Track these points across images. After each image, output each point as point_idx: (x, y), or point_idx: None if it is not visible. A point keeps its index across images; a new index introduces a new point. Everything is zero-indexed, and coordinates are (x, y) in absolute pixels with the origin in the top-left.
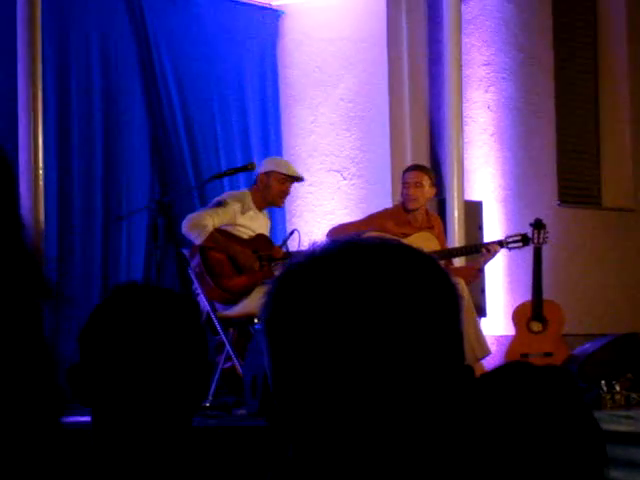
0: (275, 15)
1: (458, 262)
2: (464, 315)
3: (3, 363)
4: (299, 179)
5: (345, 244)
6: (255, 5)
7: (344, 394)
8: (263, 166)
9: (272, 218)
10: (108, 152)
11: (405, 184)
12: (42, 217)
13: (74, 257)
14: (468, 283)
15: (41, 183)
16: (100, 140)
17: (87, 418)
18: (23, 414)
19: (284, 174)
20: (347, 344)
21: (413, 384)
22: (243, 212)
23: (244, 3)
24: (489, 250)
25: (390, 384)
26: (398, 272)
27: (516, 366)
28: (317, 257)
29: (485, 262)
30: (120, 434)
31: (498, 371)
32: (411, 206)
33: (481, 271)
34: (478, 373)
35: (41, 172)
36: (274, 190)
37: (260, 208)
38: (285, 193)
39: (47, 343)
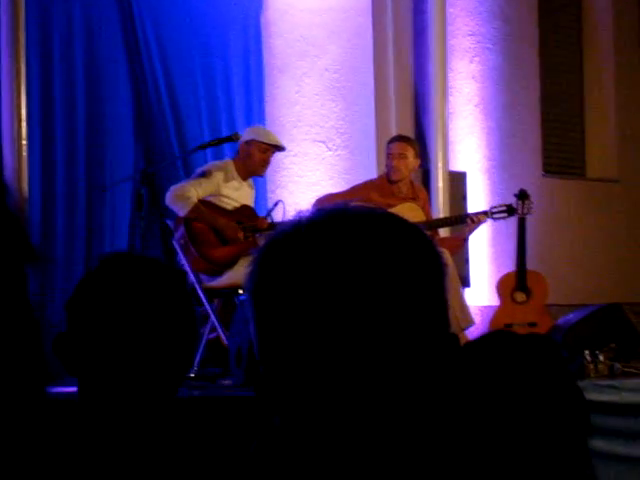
0: None
1: (443, 233)
2: (448, 285)
3: None
4: (280, 148)
5: (331, 212)
6: None
7: (329, 361)
8: (244, 135)
9: (260, 189)
10: (91, 122)
11: (389, 155)
12: (26, 187)
13: (57, 227)
14: (453, 253)
15: (25, 153)
16: (83, 110)
17: (73, 388)
18: (8, 382)
19: (264, 142)
20: (332, 311)
21: (398, 351)
22: (227, 182)
23: None
24: (474, 220)
25: (375, 352)
26: (384, 240)
27: (500, 335)
28: (303, 225)
29: (470, 232)
30: (106, 404)
31: (482, 340)
32: (395, 177)
33: (466, 241)
34: (462, 343)
35: (24, 142)
36: (255, 159)
37: (244, 178)
38: (266, 162)
39: (32, 308)
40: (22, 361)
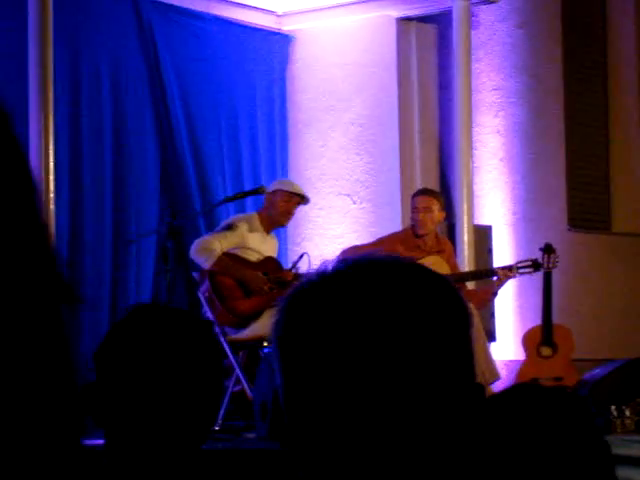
0: (285, 40)
1: (468, 286)
2: (474, 340)
3: (27, 373)
4: (304, 198)
5: (357, 261)
6: (265, 30)
7: (355, 412)
8: (271, 186)
9: (282, 242)
10: (118, 175)
11: (414, 209)
12: (52, 239)
13: (84, 279)
14: (480, 308)
15: (52, 206)
16: (110, 163)
17: (100, 440)
18: (46, 432)
19: (288, 192)
20: (358, 361)
21: (424, 402)
22: (251, 235)
23: (254, 28)
24: (500, 275)
25: (402, 403)
26: (410, 289)
27: (526, 387)
28: (328, 274)
29: (499, 287)
30: (132, 455)
31: (508, 392)
32: (421, 232)
33: (494, 296)
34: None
35: (52, 195)
36: (279, 209)
37: (267, 230)
38: (290, 212)
39: (71, 350)
40: (60, 408)
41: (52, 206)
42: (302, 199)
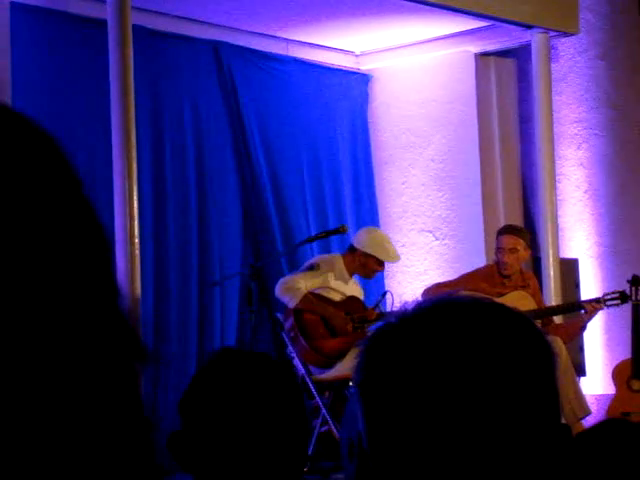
0: (364, 79)
1: (557, 320)
2: (562, 375)
3: (100, 430)
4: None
5: (436, 303)
6: (344, 70)
7: (440, 455)
8: (363, 242)
9: (365, 280)
10: (202, 219)
11: (499, 249)
12: (138, 285)
13: (171, 324)
14: (568, 341)
15: (137, 252)
16: (195, 207)
17: None
18: None
19: (386, 261)
20: (441, 404)
21: (510, 445)
22: (334, 275)
23: (333, 68)
24: (588, 308)
25: (486, 444)
26: (491, 330)
27: (614, 423)
28: (408, 317)
29: (588, 320)
30: None
31: (596, 428)
32: (506, 272)
33: (583, 329)
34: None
35: (137, 240)
36: (369, 271)
37: (350, 274)
38: (379, 271)
39: (144, 408)
40: (134, 460)
41: (137, 252)
42: None
